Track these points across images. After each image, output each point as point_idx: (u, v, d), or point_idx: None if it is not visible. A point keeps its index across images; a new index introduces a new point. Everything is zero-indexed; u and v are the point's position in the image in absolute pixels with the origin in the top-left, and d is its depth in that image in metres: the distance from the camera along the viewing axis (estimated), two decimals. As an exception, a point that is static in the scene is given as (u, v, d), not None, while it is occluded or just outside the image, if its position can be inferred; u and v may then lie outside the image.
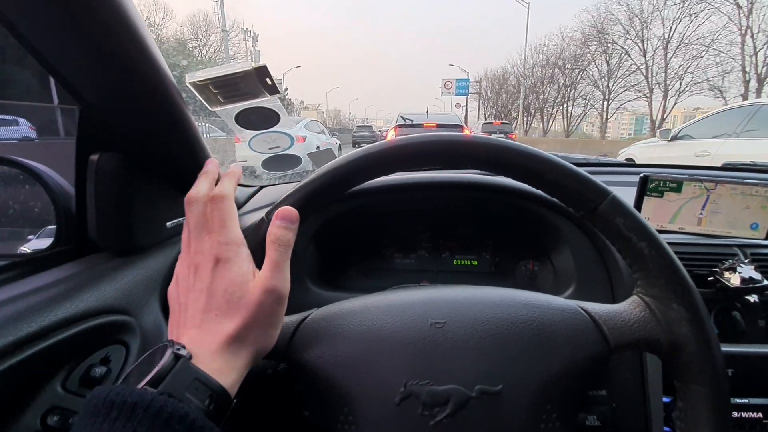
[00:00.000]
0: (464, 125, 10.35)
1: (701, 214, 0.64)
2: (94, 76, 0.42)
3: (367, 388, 0.34)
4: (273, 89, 0.54)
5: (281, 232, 0.35)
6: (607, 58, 28.51)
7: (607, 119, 29.24)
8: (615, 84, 28.78)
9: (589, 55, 29.23)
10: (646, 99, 26.48)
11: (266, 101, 0.57)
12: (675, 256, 0.34)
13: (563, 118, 33.96)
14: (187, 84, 0.51)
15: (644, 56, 25.87)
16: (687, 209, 0.64)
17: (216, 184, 0.39)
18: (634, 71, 26.97)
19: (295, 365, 0.37)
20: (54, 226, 0.54)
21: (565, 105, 33.26)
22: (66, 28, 0.37)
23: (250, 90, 0.53)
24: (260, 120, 0.62)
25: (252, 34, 28.62)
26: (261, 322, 0.33)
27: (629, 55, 26.83)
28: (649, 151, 5.47)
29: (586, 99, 31.27)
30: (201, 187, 0.37)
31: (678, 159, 4.68)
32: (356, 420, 0.34)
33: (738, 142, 4.22)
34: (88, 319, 0.43)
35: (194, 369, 0.29)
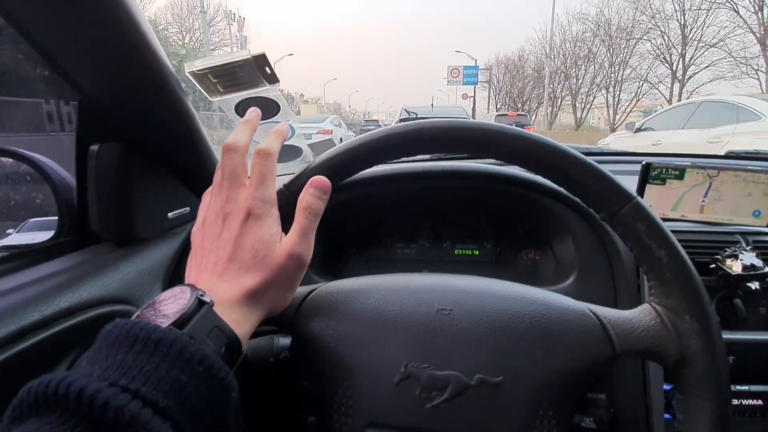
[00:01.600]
0: (470, 119, 10.28)
1: (703, 201, 0.64)
2: (94, 67, 0.42)
3: (368, 365, 0.35)
4: (272, 78, 0.54)
5: (313, 200, 0.36)
6: (682, 19, 19.36)
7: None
8: (693, 58, 19.85)
9: (650, 18, 20.50)
10: (755, 76, 17.63)
11: (266, 91, 0.56)
12: (694, 269, 0.34)
13: (608, 107, 26.10)
14: (185, 73, 0.51)
15: (759, 12, 16.28)
16: (689, 197, 0.64)
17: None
18: (731, 33, 17.46)
19: (299, 336, 0.37)
20: (38, 219, 0.54)
21: (611, 89, 24.92)
22: (67, 20, 0.37)
23: (249, 79, 0.53)
24: (260, 109, 0.62)
25: (237, 17, 25.85)
26: (280, 284, 0.34)
27: (736, 11, 17.28)
28: (619, 142, 6.20)
29: (643, 79, 22.48)
30: (241, 136, 0.37)
31: (639, 148, 5.26)
32: (354, 394, 0.34)
33: (682, 133, 5.05)
34: (91, 308, 0.43)
35: (215, 316, 0.29)
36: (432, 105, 11.15)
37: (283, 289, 0.35)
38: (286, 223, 0.36)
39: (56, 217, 0.54)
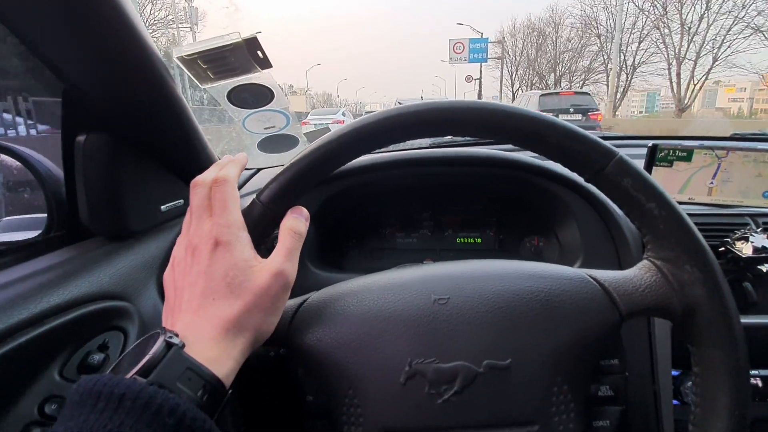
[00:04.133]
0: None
1: (712, 183, 0.62)
2: (79, 55, 0.40)
3: (371, 369, 0.33)
4: (265, 63, 0.52)
5: (296, 223, 0.35)
6: None
7: None
8: None
9: None
10: None
11: (258, 77, 0.55)
12: (686, 216, 0.33)
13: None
14: (174, 59, 0.49)
15: None
16: (697, 179, 0.62)
17: None
18: None
19: (296, 350, 0.36)
20: (10, 218, 0.53)
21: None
22: (48, 6, 0.35)
23: (240, 64, 0.51)
24: (253, 97, 0.60)
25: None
26: (263, 308, 0.32)
27: None
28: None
29: None
30: (208, 173, 0.36)
31: None
32: (361, 402, 0.33)
33: None
34: (83, 305, 0.42)
35: (187, 358, 0.27)
36: (421, 97, 11.21)
37: (267, 312, 0.33)
38: (263, 235, 0.35)
39: (30, 216, 0.52)
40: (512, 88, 29.52)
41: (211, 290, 0.31)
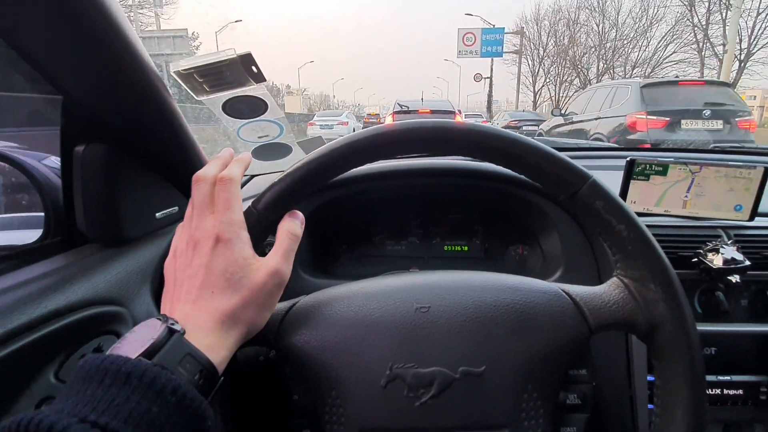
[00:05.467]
0: (457, 111, 8.60)
1: (686, 196, 0.65)
2: (76, 68, 0.42)
3: (354, 372, 0.35)
4: (259, 77, 0.54)
5: (293, 226, 0.38)
6: None
7: None
8: None
9: None
10: None
11: (252, 89, 0.57)
12: (653, 238, 0.35)
13: None
14: (171, 73, 0.51)
15: None
16: (672, 192, 0.65)
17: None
18: None
19: (284, 351, 0.38)
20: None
21: None
22: (46, 18, 0.36)
23: (235, 78, 0.53)
24: (248, 108, 0.62)
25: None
26: (258, 303, 0.34)
27: None
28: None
29: None
30: (211, 168, 0.38)
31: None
32: (344, 402, 0.35)
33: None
34: (79, 310, 0.43)
35: (187, 344, 0.29)
36: (422, 99, 11.23)
37: (261, 308, 0.35)
38: (257, 241, 0.37)
39: (25, 214, 0.53)
40: (533, 86, 25.25)
41: (210, 284, 0.33)
